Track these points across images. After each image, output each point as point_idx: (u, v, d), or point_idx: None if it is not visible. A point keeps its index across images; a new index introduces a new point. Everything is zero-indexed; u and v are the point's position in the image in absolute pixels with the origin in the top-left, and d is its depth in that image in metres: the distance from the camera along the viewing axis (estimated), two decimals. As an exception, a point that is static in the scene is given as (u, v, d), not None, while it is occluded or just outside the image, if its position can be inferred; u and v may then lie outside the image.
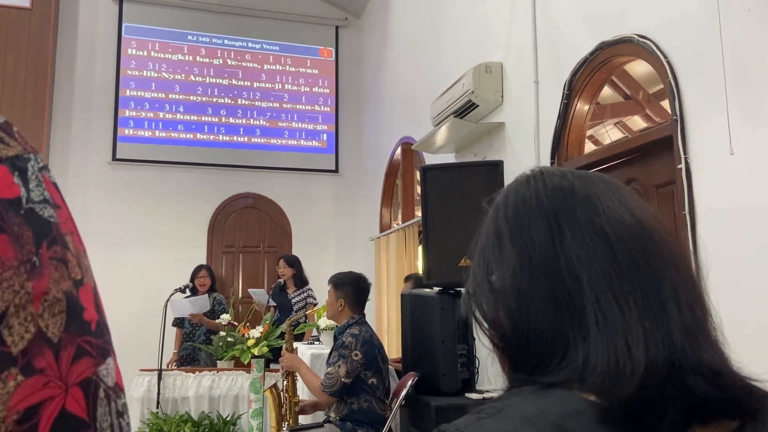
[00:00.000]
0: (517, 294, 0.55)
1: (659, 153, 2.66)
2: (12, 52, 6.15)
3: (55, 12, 6.46)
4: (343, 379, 2.83)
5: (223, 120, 7.00)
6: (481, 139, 4.11)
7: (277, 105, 7.22)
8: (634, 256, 0.53)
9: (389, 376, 3.16)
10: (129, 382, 4.01)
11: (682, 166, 2.39)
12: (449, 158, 4.49)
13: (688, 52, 2.42)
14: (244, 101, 7.11)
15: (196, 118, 6.90)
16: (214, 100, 7.01)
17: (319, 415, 3.29)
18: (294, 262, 5.26)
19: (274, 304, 5.14)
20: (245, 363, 4.01)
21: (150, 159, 6.70)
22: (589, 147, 3.35)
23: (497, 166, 3.15)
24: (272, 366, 4.23)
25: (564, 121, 3.23)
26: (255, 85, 7.18)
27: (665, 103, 2.77)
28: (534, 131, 3.43)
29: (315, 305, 4.94)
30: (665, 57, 2.51)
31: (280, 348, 3.58)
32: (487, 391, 3.03)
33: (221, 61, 7.10)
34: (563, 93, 3.20)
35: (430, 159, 4.76)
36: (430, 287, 3.19)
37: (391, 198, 6.44)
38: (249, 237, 6.98)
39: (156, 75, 6.85)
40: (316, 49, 7.44)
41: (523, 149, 3.56)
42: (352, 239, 7.15)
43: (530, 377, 0.52)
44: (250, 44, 7.24)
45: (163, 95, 6.85)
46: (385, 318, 5.78)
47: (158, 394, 3.97)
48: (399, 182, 6.21)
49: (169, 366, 4.93)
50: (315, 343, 4.43)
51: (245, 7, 7.18)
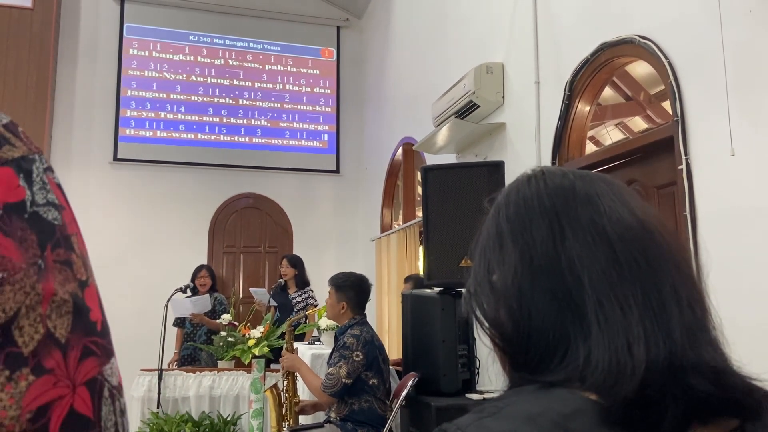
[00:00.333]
0: (518, 293, 0.55)
1: (660, 154, 2.66)
2: (13, 52, 6.16)
3: (57, 12, 6.47)
4: (343, 380, 2.83)
5: (225, 120, 7.00)
6: (482, 140, 4.11)
7: (279, 105, 7.22)
8: (635, 256, 0.53)
9: (390, 377, 3.16)
10: (129, 382, 4.02)
11: (683, 167, 2.39)
12: (450, 159, 4.49)
13: (689, 53, 2.42)
14: (245, 101, 7.11)
15: (197, 118, 6.91)
16: (216, 100, 7.01)
17: (320, 416, 3.29)
18: (297, 263, 5.27)
19: (275, 304, 5.14)
20: (246, 363, 4.00)
21: (151, 159, 6.70)
22: (590, 148, 3.35)
23: (498, 167, 3.15)
24: (273, 366, 4.23)
25: (565, 121, 3.23)
26: (256, 86, 7.18)
27: (666, 104, 2.77)
28: (535, 132, 3.43)
29: (315, 306, 4.95)
30: (666, 58, 2.51)
31: (281, 348, 3.58)
32: (488, 392, 3.03)
33: (222, 62, 7.11)
34: (564, 94, 3.20)
35: (431, 159, 4.76)
36: (430, 287, 3.19)
37: (392, 198, 6.44)
38: (250, 237, 6.99)
39: (157, 75, 6.86)
40: (317, 50, 7.44)
41: (524, 150, 3.56)
42: (352, 239, 7.15)
43: (531, 376, 0.52)
44: (251, 44, 7.24)
45: (165, 95, 6.85)
46: (385, 318, 5.78)
47: (159, 393, 3.97)
48: (400, 183, 6.21)
49: (170, 366, 4.93)
50: (315, 343, 4.43)
51: (246, 8, 7.18)
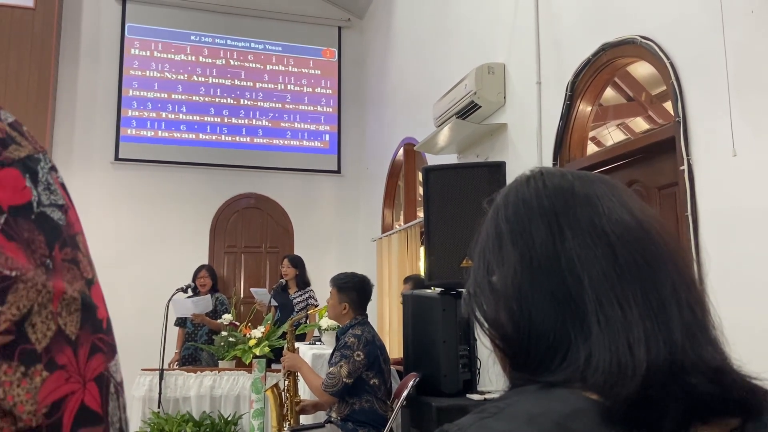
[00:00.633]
0: (518, 294, 0.55)
1: (662, 154, 2.66)
2: (15, 52, 6.17)
3: (59, 12, 6.47)
4: (344, 379, 2.83)
5: (226, 120, 7.01)
6: (484, 140, 4.11)
7: (280, 105, 7.23)
8: (634, 256, 0.53)
9: (391, 377, 3.16)
10: (130, 382, 4.02)
11: (685, 167, 2.39)
12: (451, 159, 4.49)
13: (691, 53, 2.42)
14: (246, 101, 7.12)
15: (198, 118, 6.91)
16: (217, 100, 7.02)
17: (320, 416, 3.29)
18: (298, 263, 5.27)
19: (276, 304, 5.14)
20: (247, 363, 4.01)
21: (152, 159, 6.71)
22: (592, 148, 3.35)
23: (499, 167, 3.15)
24: (274, 366, 4.23)
25: (566, 122, 3.23)
26: (258, 86, 7.19)
27: (668, 105, 2.76)
28: (536, 132, 3.43)
29: (316, 306, 4.95)
30: (668, 58, 2.51)
31: (282, 348, 3.58)
32: (489, 392, 3.02)
33: (224, 62, 7.12)
34: (566, 94, 3.20)
35: (433, 160, 4.76)
36: (431, 288, 3.19)
37: (393, 199, 6.44)
38: (251, 237, 6.99)
39: (159, 75, 6.87)
40: (318, 50, 7.44)
41: (526, 150, 3.56)
42: (353, 240, 7.15)
43: (532, 377, 0.52)
44: (252, 44, 7.25)
45: (166, 95, 6.86)
46: (386, 319, 5.78)
47: (160, 393, 3.98)
48: (401, 183, 6.21)
49: (171, 366, 4.94)
50: (316, 343, 4.43)
51: (248, 8, 7.19)
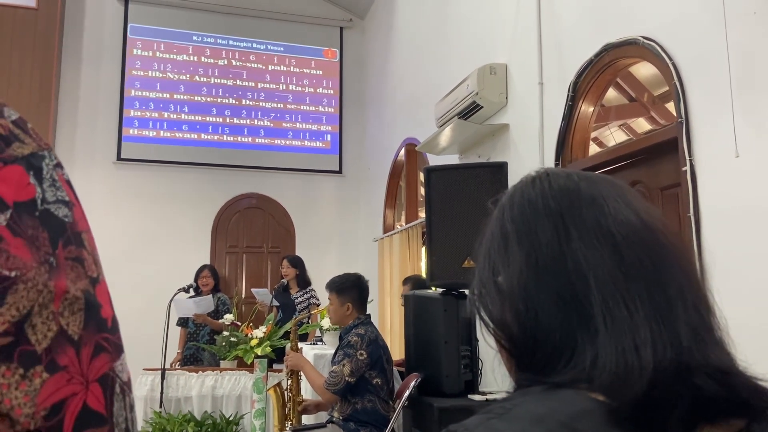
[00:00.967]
0: (524, 295, 0.55)
1: (664, 155, 2.66)
2: (18, 52, 6.18)
3: (61, 12, 6.48)
4: (347, 378, 2.83)
5: (228, 120, 7.01)
6: (485, 141, 4.11)
7: (281, 106, 7.23)
8: (640, 257, 0.53)
9: (393, 377, 3.16)
10: (132, 382, 4.02)
11: (687, 168, 2.39)
12: (453, 159, 4.49)
13: (694, 54, 2.42)
14: (248, 102, 7.12)
15: (200, 118, 6.92)
16: (219, 100, 7.02)
17: (322, 415, 3.29)
18: (297, 263, 5.27)
19: (277, 304, 5.14)
20: (248, 363, 4.01)
21: (154, 159, 6.72)
22: (594, 149, 3.34)
23: (501, 168, 3.14)
24: (275, 366, 4.24)
25: (568, 122, 3.23)
26: (259, 86, 7.19)
27: (670, 106, 2.76)
28: (538, 133, 3.43)
29: (318, 306, 4.95)
30: (670, 59, 2.50)
31: (283, 348, 3.58)
32: (491, 393, 3.02)
33: (226, 62, 7.12)
34: (568, 95, 3.20)
35: (434, 160, 4.76)
36: (432, 288, 3.19)
37: (395, 199, 6.44)
38: (252, 237, 6.99)
39: (161, 75, 6.87)
40: (320, 50, 7.45)
41: (528, 151, 3.55)
42: (355, 240, 7.15)
43: (538, 377, 0.52)
44: (254, 45, 7.25)
45: (168, 95, 6.87)
46: (387, 319, 5.78)
47: (161, 393, 3.98)
48: (403, 183, 6.21)
49: (173, 365, 4.94)
50: (318, 343, 4.43)
51: (250, 8, 7.19)
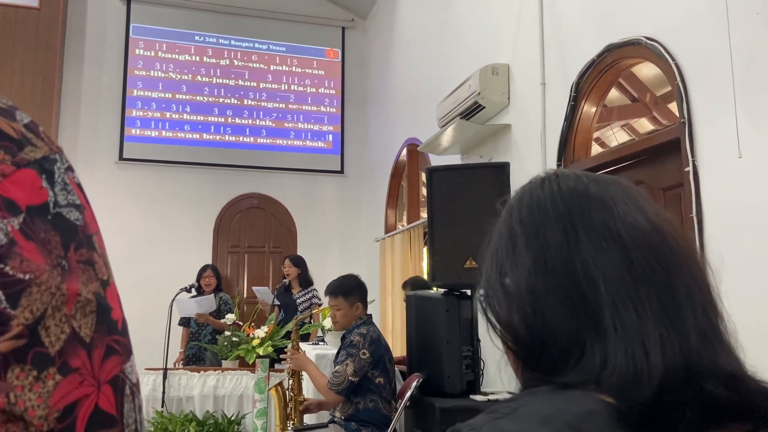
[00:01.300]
0: (532, 297, 0.55)
1: (667, 156, 2.66)
2: (20, 52, 6.19)
3: (63, 12, 6.49)
4: (350, 378, 2.83)
5: (230, 120, 7.02)
6: (487, 141, 4.11)
7: (283, 106, 7.23)
8: (649, 260, 0.53)
9: (395, 377, 3.16)
10: (134, 381, 4.02)
11: (690, 168, 2.39)
12: (455, 160, 4.49)
13: (696, 54, 2.42)
14: (250, 102, 7.13)
15: (202, 118, 6.92)
16: (221, 100, 7.03)
17: (324, 415, 3.29)
18: (299, 262, 5.28)
19: (279, 304, 5.14)
20: (250, 363, 4.01)
21: (156, 159, 6.72)
22: (596, 149, 3.34)
23: (503, 168, 3.15)
24: (277, 366, 4.24)
25: (571, 123, 3.22)
26: (261, 86, 7.20)
27: (673, 106, 2.76)
28: (540, 133, 3.43)
29: (320, 305, 4.95)
30: (673, 59, 2.50)
31: (285, 348, 3.58)
32: (492, 393, 3.03)
33: (228, 62, 7.12)
34: (570, 95, 3.19)
35: (436, 160, 4.76)
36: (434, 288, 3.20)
37: (397, 199, 6.44)
38: (254, 237, 7.00)
39: (163, 75, 6.88)
40: (322, 50, 7.45)
41: (530, 151, 3.55)
42: (356, 240, 7.15)
43: (545, 377, 0.52)
44: (256, 45, 7.25)
45: (170, 95, 6.87)
46: (389, 319, 5.78)
47: (163, 393, 3.99)
48: (404, 183, 6.21)
49: (176, 365, 4.94)
50: (320, 343, 4.43)
51: (252, 8, 7.20)
